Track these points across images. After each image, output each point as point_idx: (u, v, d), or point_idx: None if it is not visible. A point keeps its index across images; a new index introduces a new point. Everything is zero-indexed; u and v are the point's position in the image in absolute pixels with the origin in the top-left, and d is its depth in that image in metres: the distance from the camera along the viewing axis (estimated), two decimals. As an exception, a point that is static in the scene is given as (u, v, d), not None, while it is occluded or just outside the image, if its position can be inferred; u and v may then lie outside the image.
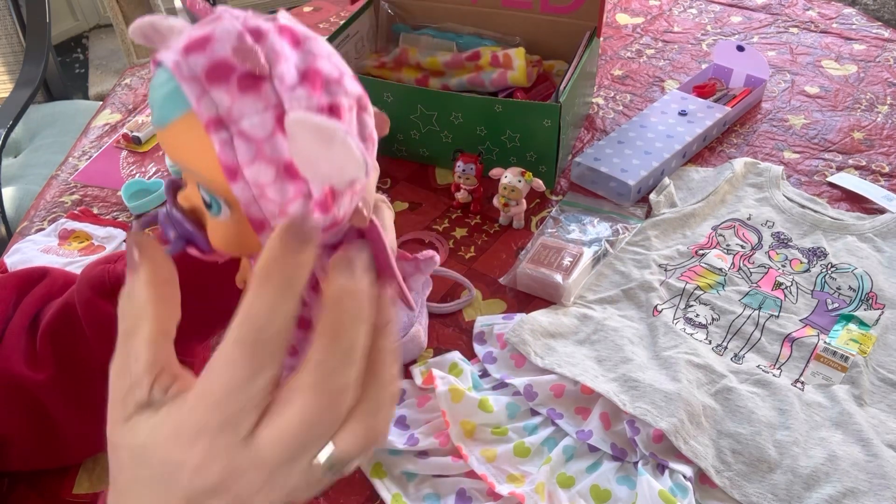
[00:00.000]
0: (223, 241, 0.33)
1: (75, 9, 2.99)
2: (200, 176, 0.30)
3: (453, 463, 0.61)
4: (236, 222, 0.31)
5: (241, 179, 0.29)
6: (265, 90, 0.28)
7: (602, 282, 0.78)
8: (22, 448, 0.56)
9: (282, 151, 0.29)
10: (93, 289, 0.53)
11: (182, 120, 0.29)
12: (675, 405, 0.62)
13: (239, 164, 0.29)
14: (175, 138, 0.30)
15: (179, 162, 0.31)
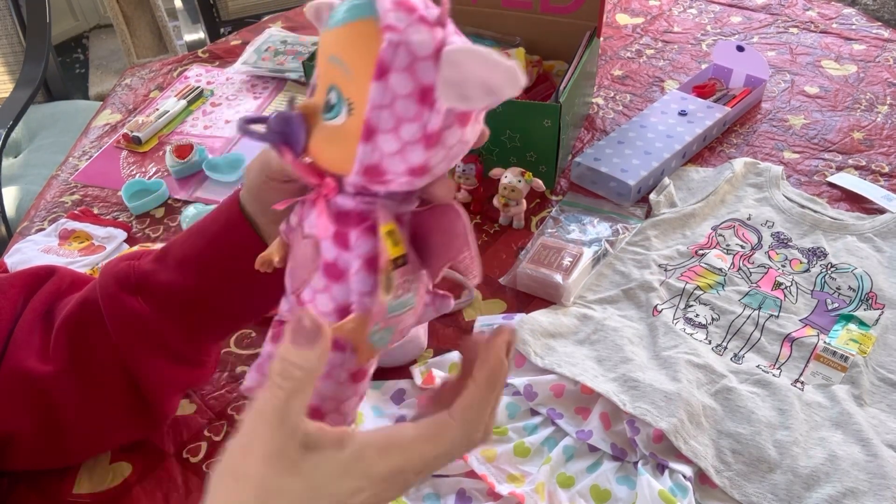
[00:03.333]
0: (322, 143, 0.37)
1: (75, 9, 2.99)
2: (352, 69, 0.35)
3: (453, 463, 0.61)
4: (345, 128, 0.36)
5: (385, 81, 0.34)
6: (436, 30, 0.35)
7: (602, 282, 0.78)
8: (27, 446, 0.56)
9: (427, 76, 0.34)
10: (118, 283, 0.53)
11: (362, 21, 0.35)
12: (675, 405, 0.62)
13: (392, 67, 0.34)
14: (348, 34, 0.35)
15: (340, 53, 0.36)
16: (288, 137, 0.38)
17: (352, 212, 0.39)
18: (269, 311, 0.57)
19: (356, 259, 0.39)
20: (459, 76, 0.34)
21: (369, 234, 0.39)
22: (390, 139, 0.35)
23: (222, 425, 0.66)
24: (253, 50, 1.22)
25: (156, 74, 1.22)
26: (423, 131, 0.35)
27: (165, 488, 0.61)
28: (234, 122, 1.08)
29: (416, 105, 0.35)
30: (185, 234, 0.54)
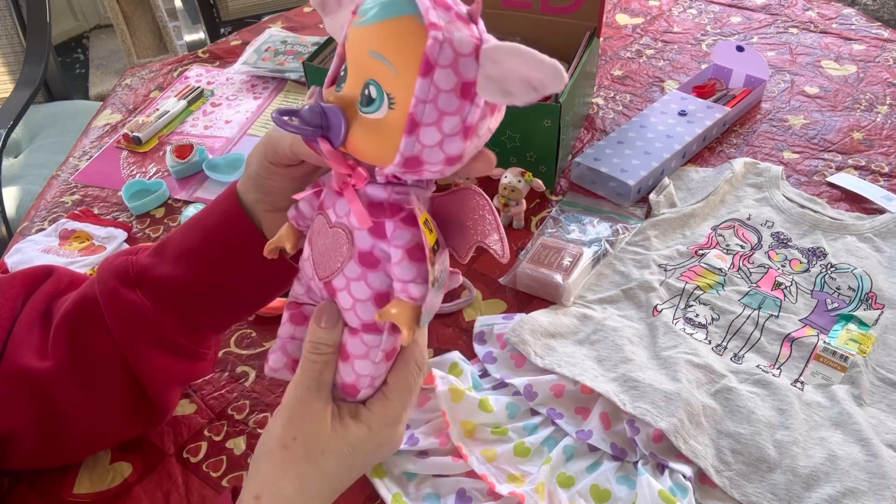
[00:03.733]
0: (363, 136, 0.38)
1: (76, 9, 2.99)
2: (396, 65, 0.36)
3: (453, 463, 0.61)
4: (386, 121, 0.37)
5: (430, 77, 0.35)
6: (472, 27, 0.37)
7: (602, 282, 0.78)
8: (26, 445, 0.56)
9: (468, 72, 0.36)
10: (117, 278, 0.53)
11: (402, 19, 0.36)
12: (675, 405, 0.62)
13: (437, 63, 0.35)
14: (389, 31, 0.36)
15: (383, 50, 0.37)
16: (328, 130, 0.39)
17: (385, 202, 0.41)
18: (270, 300, 0.57)
19: (397, 249, 0.41)
20: (499, 72, 0.35)
21: (407, 224, 0.41)
22: (433, 131, 0.37)
23: (222, 425, 0.66)
24: (253, 50, 1.22)
25: (156, 74, 1.22)
26: (463, 124, 0.37)
27: (165, 488, 0.61)
28: (234, 121, 1.08)
29: (458, 99, 0.36)
30: (182, 228, 0.54)
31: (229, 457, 0.64)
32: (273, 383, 0.70)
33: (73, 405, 0.55)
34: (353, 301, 0.43)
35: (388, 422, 0.44)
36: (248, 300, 0.57)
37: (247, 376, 0.71)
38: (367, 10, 0.37)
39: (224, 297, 0.55)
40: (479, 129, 0.38)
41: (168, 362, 0.56)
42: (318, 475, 0.44)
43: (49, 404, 0.54)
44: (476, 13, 0.37)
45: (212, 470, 0.63)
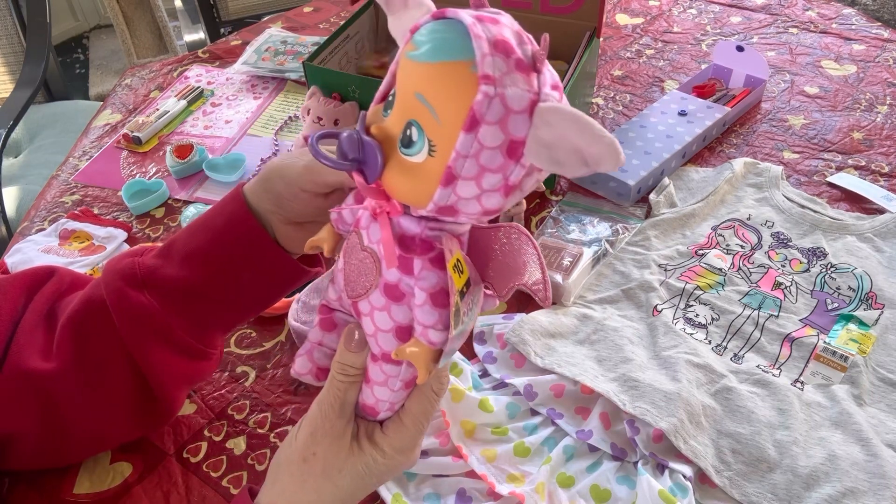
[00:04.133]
0: (398, 177, 0.36)
1: (76, 9, 2.99)
2: (440, 115, 0.34)
3: (453, 463, 0.61)
4: (424, 167, 0.35)
5: (475, 132, 0.33)
6: (532, 77, 0.33)
7: (602, 282, 0.78)
8: (29, 446, 0.56)
9: (519, 131, 0.33)
10: (124, 279, 0.53)
11: (455, 64, 0.33)
12: (675, 405, 0.62)
13: (483, 120, 0.33)
14: (439, 74, 0.34)
15: (429, 95, 0.34)
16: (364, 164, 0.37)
17: (416, 237, 0.39)
18: (277, 300, 0.58)
19: (421, 292, 0.39)
20: (552, 138, 0.32)
21: (435, 265, 0.39)
22: (471, 186, 0.35)
23: (222, 425, 0.66)
24: (253, 50, 1.22)
25: (156, 74, 1.22)
26: (505, 182, 0.35)
27: (165, 488, 0.61)
28: (234, 121, 1.08)
29: (503, 158, 0.34)
30: (187, 230, 0.55)
31: (229, 457, 0.64)
32: (273, 383, 0.70)
33: (77, 406, 0.55)
34: (375, 329, 0.42)
35: (402, 447, 0.45)
36: (256, 301, 0.57)
37: (247, 376, 0.71)
38: (421, 44, 0.34)
39: (231, 297, 0.55)
40: (522, 185, 0.36)
41: (176, 362, 0.56)
42: (334, 491, 0.45)
43: (53, 405, 0.54)
44: (541, 60, 0.34)
45: (212, 470, 0.63)
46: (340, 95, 0.92)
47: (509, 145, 0.33)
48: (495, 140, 0.33)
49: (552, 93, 0.34)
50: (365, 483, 0.45)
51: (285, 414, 0.67)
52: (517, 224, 0.40)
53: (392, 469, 0.46)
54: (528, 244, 0.39)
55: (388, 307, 0.41)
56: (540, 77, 0.34)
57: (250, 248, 0.53)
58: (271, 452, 0.64)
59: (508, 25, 0.34)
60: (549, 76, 0.34)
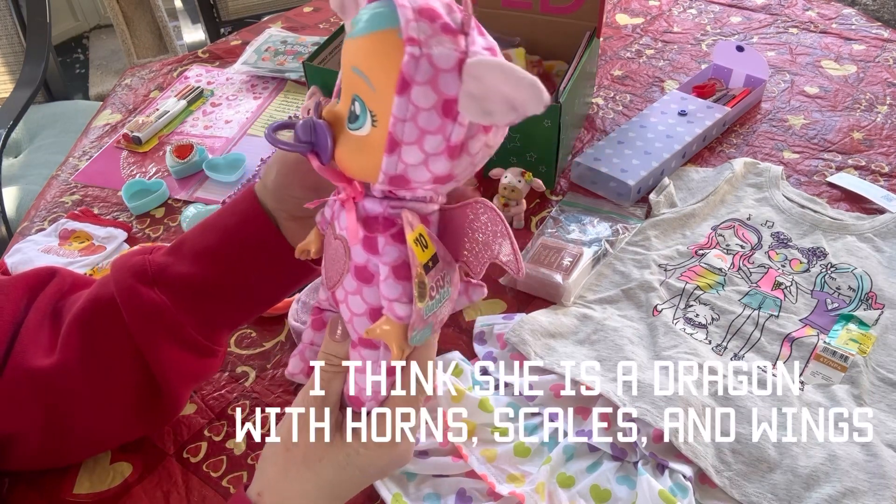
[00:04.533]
0: (348, 153, 0.38)
1: (75, 9, 2.99)
2: (374, 82, 0.35)
3: (453, 463, 0.61)
4: (369, 139, 0.36)
5: (407, 94, 0.34)
6: (459, 39, 0.34)
7: (602, 282, 0.78)
8: (30, 446, 0.56)
9: (450, 89, 0.34)
10: (135, 276, 0.54)
11: (384, 33, 0.34)
12: (675, 405, 0.62)
13: (413, 81, 0.34)
14: (370, 44, 0.35)
15: (363, 66, 0.35)
16: (315, 146, 0.38)
17: (379, 216, 0.40)
18: (285, 297, 0.58)
19: (384, 266, 0.40)
20: (481, 90, 0.33)
21: (396, 240, 0.39)
22: (414, 151, 0.35)
23: (222, 425, 0.66)
24: (253, 50, 1.22)
25: (156, 74, 1.22)
26: (447, 143, 0.35)
27: (165, 488, 0.61)
28: (234, 121, 1.08)
29: (439, 118, 0.34)
30: (199, 228, 0.55)
31: (229, 457, 0.64)
32: (273, 383, 0.70)
33: (81, 403, 0.55)
34: (350, 314, 0.43)
35: (384, 439, 0.45)
36: (264, 298, 0.58)
37: (247, 376, 0.71)
38: (356, 22, 0.36)
39: (241, 294, 0.56)
40: (469, 147, 0.36)
41: (184, 359, 0.56)
42: (315, 480, 0.45)
43: (56, 404, 0.54)
44: (466, 23, 0.35)
45: (212, 470, 0.63)
46: (340, 95, 0.92)
47: (443, 104, 0.34)
48: (428, 100, 0.34)
49: (482, 52, 0.35)
50: (348, 475, 0.45)
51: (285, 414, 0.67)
52: (482, 199, 0.40)
53: (375, 462, 0.45)
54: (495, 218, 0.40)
55: (359, 290, 0.42)
56: (468, 38, 0.35)
57: (262, 246, 0.53)
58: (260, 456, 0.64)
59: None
60: (481, 40, 0.36)
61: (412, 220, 0.39)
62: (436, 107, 0.34)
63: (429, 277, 0.39)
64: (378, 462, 0.45)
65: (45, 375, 0.53)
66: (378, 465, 0.46)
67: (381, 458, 0.45)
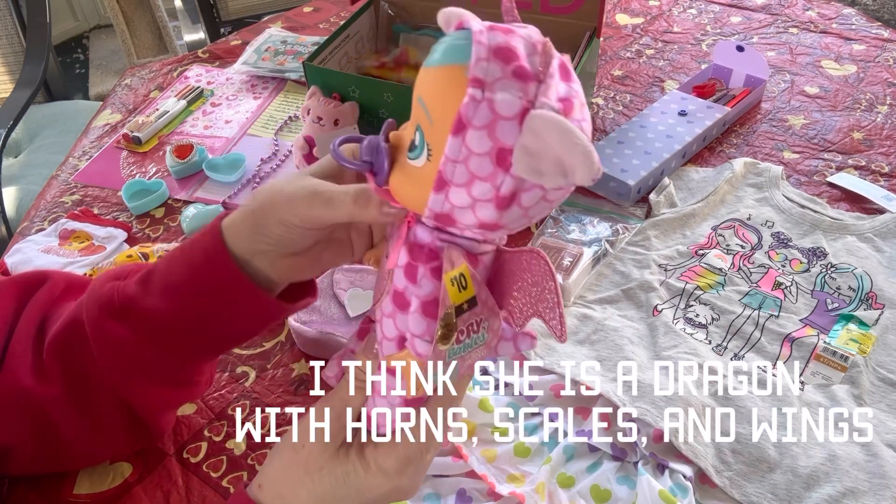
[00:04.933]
0: (400, 180, 0.37)
1: (75, 9, 2.99)
2: (433, 117, 0.34)
3: (453, 463, 0.61)
4: (422, 171, 0.35)
5: (462, 137, 0.33)
6: (529, 86, 0.33)
7: (602, 282, 0.78)
8: (25, 456, 0.56)
9: (507, 138, 0.32)
10: (101, 308, 0.51)
11: (453, 68, 0.33)
12: (675, 405, 0.62)
13: (470, 123, 0.32)
14: (437, 77, 0.34)
15: (426, 97, 0.35)
16: (373, 167, 0.38)
17: (426, 246, 0.39)
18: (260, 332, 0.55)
19: (416, 299, 0.39)
20: (537, 146, 0.32)
21: (435, 275, 0.38)
22: (462, 194, 0.34)
23: (222, 425, 0.66)
24: (253, 50, 1.22)
25: (156, 74, 1.22)
26: (496, 192, 0.34)
27: (165, 488, 0.61)
28: (234, 121, 1.08)
29: (492, 165, 0.33)
30: (168, 259, 0.51)
31: (229, 457, 0.64)
32: (273, 383, 0.70)
33: (70, 427, 0.54)
34: (382, 336, 0.42)
35: (387, 468, 0.43)
36: (237, 335, 0.55)
37: (247, 376, 0.71)
38: (434, 50, 0.35)
39: (212, 332, 0.52)
40: (522, 199, 0.34)
41: (158, 391, 0.55)
42: (311, 487, 0.44)
43: (46, 423, 0.54)
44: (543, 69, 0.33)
45: (212, 470, 0.63)
46: (340, 95, 0.92)
47: (498, 153, 0.33)
48: (482, 146, 0.33)
49: (553, 103, 0.33)
50: (343, 492, 0.44)
51: (285, 414, 0.67)
52: (539, 250, 0.39)
53: (374, 488, 0.44)
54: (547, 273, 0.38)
55: (394, 315, 0.41)
56: (540, 86, 0.33)
57: (226, 287, 0.49)
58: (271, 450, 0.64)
59: (523, 37, 0.34)
60: (562, 88, 0.33)
61: (455, 258, 0.37)
62: (489, 153, 0.33)
63: (461, 320, 0.38)
64: (376, 489, 0.44)
65: (31, 395, 0.53)
66: (376, 493, 0.44)
67: (381, 486, 0.44)
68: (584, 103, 0.35)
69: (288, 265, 0.48)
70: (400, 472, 0.44)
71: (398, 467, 0.43)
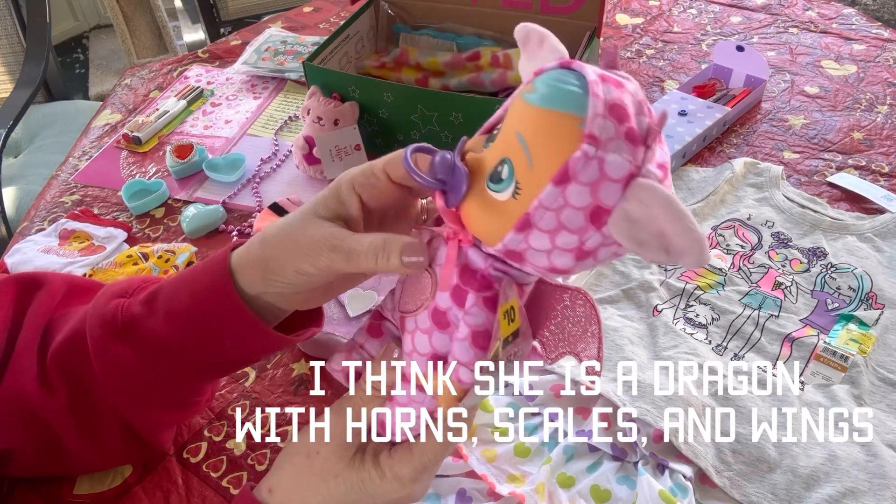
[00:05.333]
0: (477, 209, 0.36)
1: (75, 9, 2.99)
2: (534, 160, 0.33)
3: (453, 463, 0.61)
4: (505, 206, 0.34)
5: (563, 188, 0.32)
6: (639, 150, 0.32)
7: (602, 282, 0.78)
8: (26, 460, 0.56)
9: (608, 199, 0.32)
10: (104, 326, 0.50)
11: (565, 116, 0.32)
12: (675, 405, 0.62)
13: (576, 178, 0.32)
14: (545, 121, 0.33)
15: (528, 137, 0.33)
16: (448, 187, 0.36)
17: (478, 272, 0.38)
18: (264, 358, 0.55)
19: (465, 327, 0.38)
20: (641, 216, 0.31)
21: (487, 305, 0.38)
22: (544, 239, 0.34)
23: (222, 425, 0.66)
24: (253, 50, 1.22)
25: (156, 74, 1.22)
26: (580, 246, 0.34)
27: (165, 488, 0.61)
28: (234, 121, 1.08)
29: (584, 221, 0.33)
30: (174, 281, 0.50)
31: (229, 457, 0.64)
32: (273, 383, 0.70)
33: (71, 438, 0.54)
34: (412, 349, 0.42)
35: (402, 476, 0.44)
36: (238, 364, 0.55)
37: (247, 376, 0.71)
38: (538, 88, 0.34)
39: (213, 358, 0.51)
40: (598, 253, 0.34)
41: (158, 412, 0.55)
42: (326, 494, 0.45)
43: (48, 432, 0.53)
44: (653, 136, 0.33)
45: (212, 470, 0.63)
46: (340, 95, 0.92)
47: (594, 210, 0.32)
48: (581, 201, 0.32)
49: (655, 171, 0.33)
50: (356, 498, 0.45)
51: (285, 414, 0.67)
52: (585, 291, 0.38)
53: (387, 494, 0.44)
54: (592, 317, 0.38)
55: (430, 332, 0.40)
56: (647, 152, 0.33)
57: (231, 321, 0.48)
58: (271, 453, 0.64)
59: (632, 93, 0.34)
60: (659, 154, 0.33)
61: (510, 292, 0.37)
62: (585, 210, 0.32)
63: (504, 352, 0.38)
64: (390, 495, 0.45)
65: (35, 404, 0.52)
66: (388, 498, 0.45)
67: (395, 493, 0.44)
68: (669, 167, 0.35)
69: (299, 299, 0.48)
70: (415, 479, 0.44)
71: (413, 475, 0.44)
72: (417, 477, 0.44)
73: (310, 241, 0.43)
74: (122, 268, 0.81)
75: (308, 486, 0.45)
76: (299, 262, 0.43)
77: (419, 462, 0.44)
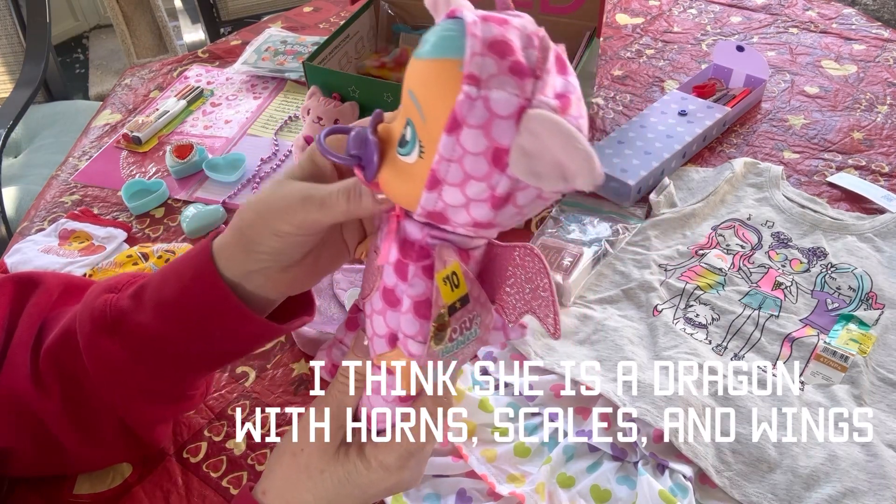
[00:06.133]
0: (391, 176, 0.36)
1: (75, 9, 2.99)
2: (426, 113, 0.32)
3: (453, 463, 0.61)
4: (414, 168, 0.34)
5: (456, 135, 0.31)
6: (526, 83, 0.31)
7: (602, 282, 0.78)
8: (25, 460, 0.56)
9: (504, 138, 0.31)
10: (94, 322, 0.50)
11: (445, 62, 0.32)
12: (675, 405, 0.62)
13: (465, 122, 0.31)
14: (429, 71, 0.33)
15: (417, 92, 0.33)
16: (361, 160, 0.36)
17: (416, 243, 0.38)
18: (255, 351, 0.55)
19: (408, 299, 0.38)
20: (535, 148, 0.30)
21: (426, 273, 0.37)
22: (456, 193, 0.33)
23: (222, 425, 0.66)
24: (253, 50, 1.22)
25: (156, 74, 1.22)
26: (491, 192, 0.33)
27: (165, 488, 0.61)
28: (234, 121, 1.08)
29: (487, 165, 0.32)
30: (161, 274, 0.50)
31: (229, 457, 0.64)
32: (273, 383, 0.70)
33: (68, 438, 0.54)
34: (372, 332, 0.42)
35: (387, 464, 0.44)
36: (229, 356, 0.54)
37: (247, 376, 0.71)
38: (424, 42, 0.33)
39: (203, 350, 0.51)
40: (517, 198, 0.33)
41: (151, 407, 0.55)
42: (316, 491, 0.45)
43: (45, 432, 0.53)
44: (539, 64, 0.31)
45: (212, 470, 0.63)
46: (340, 95, 0.92)
47: (494, 153, 0.31)
48: (478, 145, 0.31)
49: (549, 101, 0.31)
50: (347, 491, 0.44)
51: (285, 414, 0.67)
52: (533, 246, 0.37)
53: (376, 484, 0.44)
54: (541, 270, 0.37)
55: (384, 311, 0.40)
56: (537, 83, 0.31)
57: (217, 310, 0.47)
58: (271, 453, 0.64)
59: (519, 27, 0.32)
60: (558, 82, 0.32)
61: (447, 256, 0.36)
62: (485, 153, 0.32)
63: (453, 318, 0.37)
64: (379, 484, 0.45)
65: (31, 403, 0.52)
66: (379, 488, 0.45)
67: (384, 481, 0.44)
68: (580, 98, 0.33)
69: (285, 279, 0.47)
70: (401, 466, 0.44)
71: (399, 463, 0.44)
72: (403, 464, 0.44)
73: (282, 200, 0.42)
74: (122, 268, 0.81)
75: (298, 484, 0.45)
76: (275, 222, 0.43)
77: (403, 449, 0.43)
